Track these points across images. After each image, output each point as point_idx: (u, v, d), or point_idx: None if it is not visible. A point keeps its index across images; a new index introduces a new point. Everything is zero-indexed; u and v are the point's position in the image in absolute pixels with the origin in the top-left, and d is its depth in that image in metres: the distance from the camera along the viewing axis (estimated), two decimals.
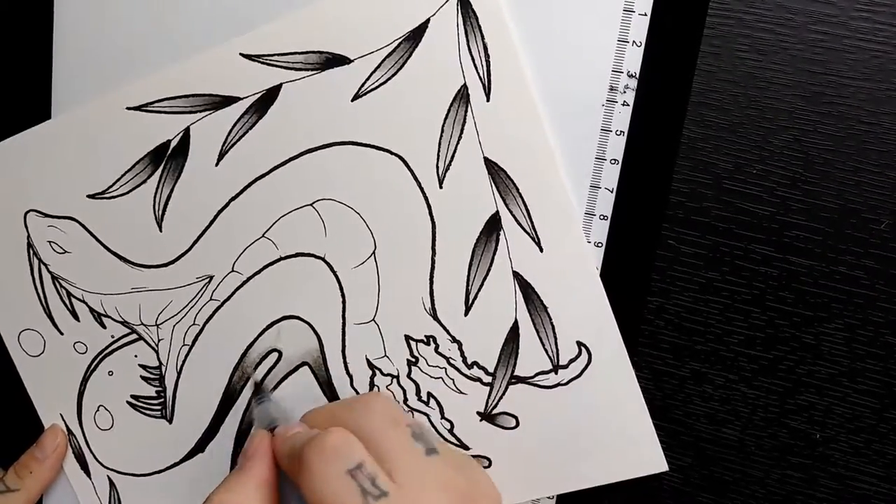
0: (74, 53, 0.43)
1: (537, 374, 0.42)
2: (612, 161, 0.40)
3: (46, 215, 0.45)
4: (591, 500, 0.43)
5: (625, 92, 0.39)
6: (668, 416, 0.42)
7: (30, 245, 0.46)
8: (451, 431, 0.43)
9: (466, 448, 0.43)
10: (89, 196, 0.44)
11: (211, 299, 0.44)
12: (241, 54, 0.41)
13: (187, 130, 0.42)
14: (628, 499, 0.44)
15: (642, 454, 0.42)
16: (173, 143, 0.43)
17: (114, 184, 0.44)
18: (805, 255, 0.40)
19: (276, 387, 0.45)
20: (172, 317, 0.45)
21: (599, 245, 0.41)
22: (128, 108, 0.43)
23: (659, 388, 0.42)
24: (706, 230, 0.40)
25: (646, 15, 0.38)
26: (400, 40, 0.39)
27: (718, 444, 0.42)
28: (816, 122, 0.39)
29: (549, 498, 0.44)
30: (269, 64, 0.41)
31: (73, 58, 0.43)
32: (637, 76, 0.39)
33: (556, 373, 0.41)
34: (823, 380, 0.41)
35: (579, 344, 0.41)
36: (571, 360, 0.41)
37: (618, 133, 0.39)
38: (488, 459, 0.43)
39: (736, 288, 0.41)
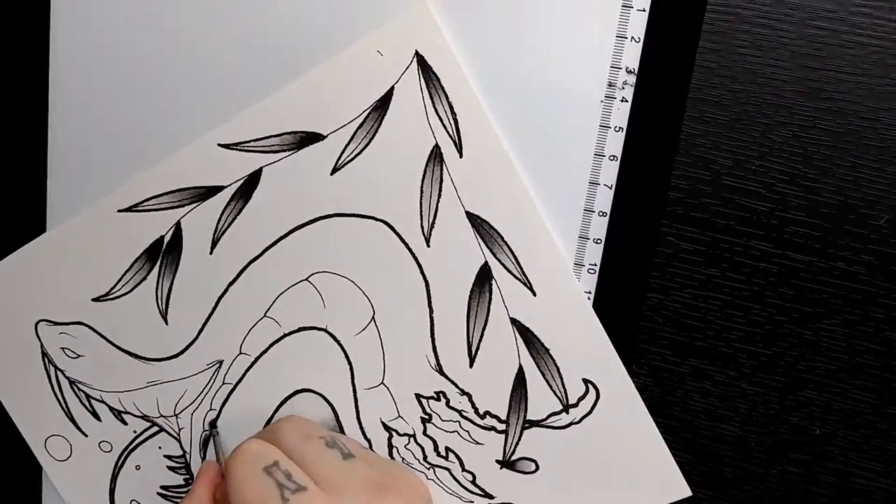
0: (70, 63, 0.45)
1: (549, 416, 0.42)
2: (611, 157, 0.40)
3: (56, 323, 0.46)
4: None
5: (623, 88, 0.39)
6: (667, 413, 0.42)
7: (44, 354, 0.47)
8: (473, 482, 0.43)
9: (491, 497, 0.44)
10: (94, 299, 0.45)
11: (224, 383, 0.45)
12: (219, 144, 0.42)
13: (178, 224, 0.43)
14: None
15: (663, 481, 0.42)
16: (167, 239, 0.44)
17: (116, 284, 0.45)
18: (804, 251, 0.40)
19: None
20: (190, 405, 0.46)
21: (598, 242, 0.41)
22: (119, 211, 0.44)
23: (658, 385, 0.42)
24: (705, 226, 0.40)
25: (644, 11, 0.38)
26: (368, 110, 0.40)
27: (718, 441, 0.42)
28: (815, 118, 0.38)
29: None
30: (247, 150, 0.42)
31: (70, 69, 0.44)
32: (636, 72, 0.39)
33: (568, 412, 0.42)
34: (823, 376, 0.41)
35: (585, 381, 0.41)
36: (580, 398, 0.41)
37: (616, 129, 0.40)
38: None
39: (735, 284, 0.41)
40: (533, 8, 0.39)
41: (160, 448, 0.47)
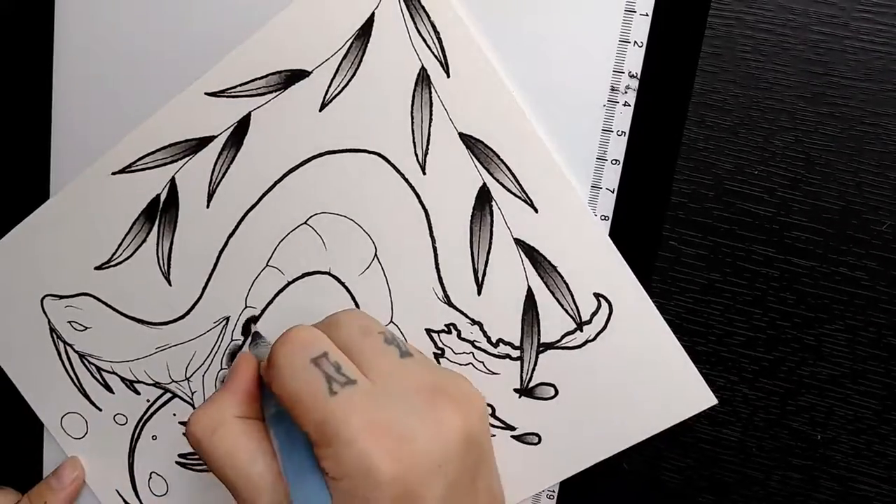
0: (74, 61, 0.44)
1: (564, 336, 0.41)
2: (614, 161, 0.39)
3: (61, 297, 0.46)
4: (592, 499, 0.43)
5: (626, 92, 0.39)
6: None
7: (52, 330, 0.46)
8: (493, 415, 0.42)
9: (513, 429, 0.42)
10: (96, 268, 0.45)
11: (232, 340, 0.45)
12: (205, 93, 0.42)
13: (173, 180, 0.43)
14: (628, 499, 0.43)
15: (687, 393, 0.40)
16: (163, 196, 0.43)
17: (116, 250, 0.45)
18: (806, 256, 0.39)
19: None
20: (200, 366, 0.45)
21: None
22: (113, 174, 0.43)
23: None
24: (707, 231, 0.40)
25: (647, 15, 0.38)
26: (351, 40, 0.40)
27: (719, 446, 0.42)
28: (818, 123, 0.38)
29: (550, 492, 0.43)
30: (234, 96, 0.42)
31: (74, 65, 0.44)
32: (638, 77, 0.38)
33: (582, 330, 0.41)
34: (824, 381, 0.40)
35: (597, 296, 0.40)
36: (593, 314, 0.40)
37: (619, 133, 0.39)
38: (538, 436, 0.42)
39: (737, 289, 0.40)
40: (535, 12, 0.38)
41: (175, 415, 0.46)
